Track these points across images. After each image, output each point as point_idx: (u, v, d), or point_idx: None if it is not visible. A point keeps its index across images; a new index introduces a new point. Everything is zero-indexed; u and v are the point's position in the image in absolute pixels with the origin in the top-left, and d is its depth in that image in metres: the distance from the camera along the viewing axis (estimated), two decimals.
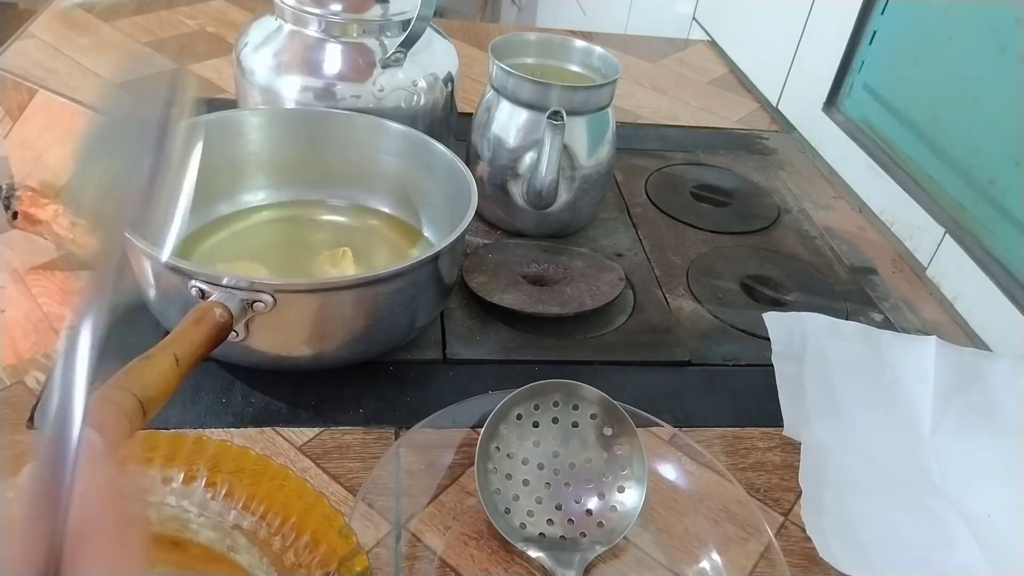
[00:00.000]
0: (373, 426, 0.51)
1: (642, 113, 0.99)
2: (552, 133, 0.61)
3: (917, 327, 0.68)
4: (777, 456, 0.54)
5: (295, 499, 0.39)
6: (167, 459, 0.41)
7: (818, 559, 0.46)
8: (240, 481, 0.40)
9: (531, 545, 0.45)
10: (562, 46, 0.73)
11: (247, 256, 0.60)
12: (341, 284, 0.49)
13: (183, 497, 0.40)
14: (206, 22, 1.05)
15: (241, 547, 0.39)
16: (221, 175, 0.63)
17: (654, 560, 0.46)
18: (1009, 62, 0.66)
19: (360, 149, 0.65)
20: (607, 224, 0.75)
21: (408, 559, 0.44)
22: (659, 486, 0.49)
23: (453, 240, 0.52)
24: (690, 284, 0.69)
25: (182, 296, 0.46)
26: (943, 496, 0.52)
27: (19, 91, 0.84)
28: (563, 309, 0.61)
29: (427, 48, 0.69)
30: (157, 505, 0.40)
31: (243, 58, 0.68)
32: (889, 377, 0.59)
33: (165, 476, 0.40)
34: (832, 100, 0.92)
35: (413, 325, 0.54)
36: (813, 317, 0.63)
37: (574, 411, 0.49)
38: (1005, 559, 0.47)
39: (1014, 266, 0.65)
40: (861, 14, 0.86)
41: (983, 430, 0.56)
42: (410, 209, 0.66)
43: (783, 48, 1.01)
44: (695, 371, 0.60)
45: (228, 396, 0.52)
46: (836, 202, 0.86)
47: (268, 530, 0.39)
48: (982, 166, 0.69)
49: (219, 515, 0.40)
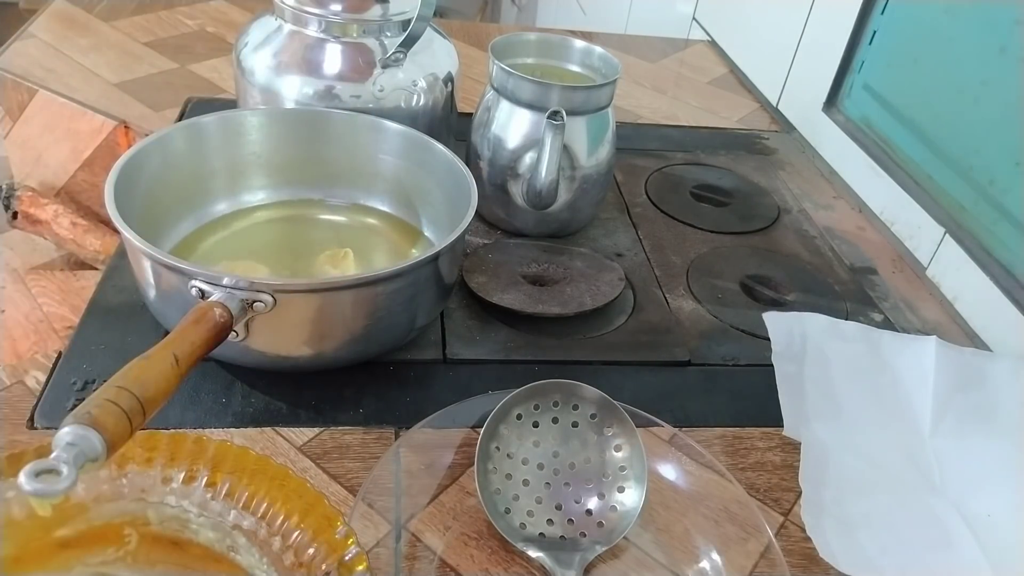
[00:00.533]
0: (373, 426, 0.51)
1: (642, 113, 0.99)
2: (552, 133, 0.61)
3: (917, 327, 0.68)
4: (777, 456, 0.54)
5: (295, 499, 0.39)
6: (167, 459, 0.41)
7: (818, 559, 0.46)
8: (240, 481, 0.40)
9: (531, 545, 0.45)
10: (562, 46, 0.73)
11: (247, 256, 0.60)
12: (341, 284, 0.49)
13: (183, 497, 0.40)
14: (206, 22, 1.05)
15: (241, 547, 0.39)
16: (221, 175, 0.63)
17: (654, 560, 0.46)
18: (1009, 62, 0.66)
19: (360, 149, 0.65)
20: (607, 224, 0.75)
21: (408, 559, 0.44)
22: (659, 486, 0.49)
23: (453, 240, 0.52)
24: (690, 284, 0.69)
25: (182, 296, 0.46)
26: (943, 496, 0.52)
27: (19, 91, 0.84)
28: (563, 309, 0.61)
29: (427, 48, 0.69)
30: (157, 505, 0.40)
31: (243, 58, 0.68)
32: (889, 377, 0.59)
33: (165, 476, 0.40)
34: (832, 100, 0.92)
35: (413, 325, 0.54)
36: (813, 317, 0.63)
37: (574, 411, 0.49)
38: (1005, 559, 0.47)
39: (1014, 266, 0.65)
40: (861, 14, 0.86)
41: (983, 430, 0.56)
42: (410, 209, 0.66)
43: (783, 48, 1.01)
44: (695, 371, 0.60)
45: (228, 396, 0.52)
46: (836, 202, 0.86)
47: (268, 530, 0.39)
48: (982, 166, 0.69)
49: (219, 515, 0.40)
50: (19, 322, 0.56)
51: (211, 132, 0.61)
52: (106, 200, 0.49)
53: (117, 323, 0.56)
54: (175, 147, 0.59)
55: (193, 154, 0.61)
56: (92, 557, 0.39)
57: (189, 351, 0.40)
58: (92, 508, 0.40)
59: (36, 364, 0.53)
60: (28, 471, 0.31)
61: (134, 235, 0.47)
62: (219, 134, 0.62)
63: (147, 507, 0.40)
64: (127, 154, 0.54)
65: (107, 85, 0.87)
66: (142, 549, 0.40)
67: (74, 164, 0.84)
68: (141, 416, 0.35)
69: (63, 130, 0.84)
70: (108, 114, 0.82)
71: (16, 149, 0.86)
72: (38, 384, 0.51)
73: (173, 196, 0.59)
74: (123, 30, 0.99)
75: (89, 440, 0.33)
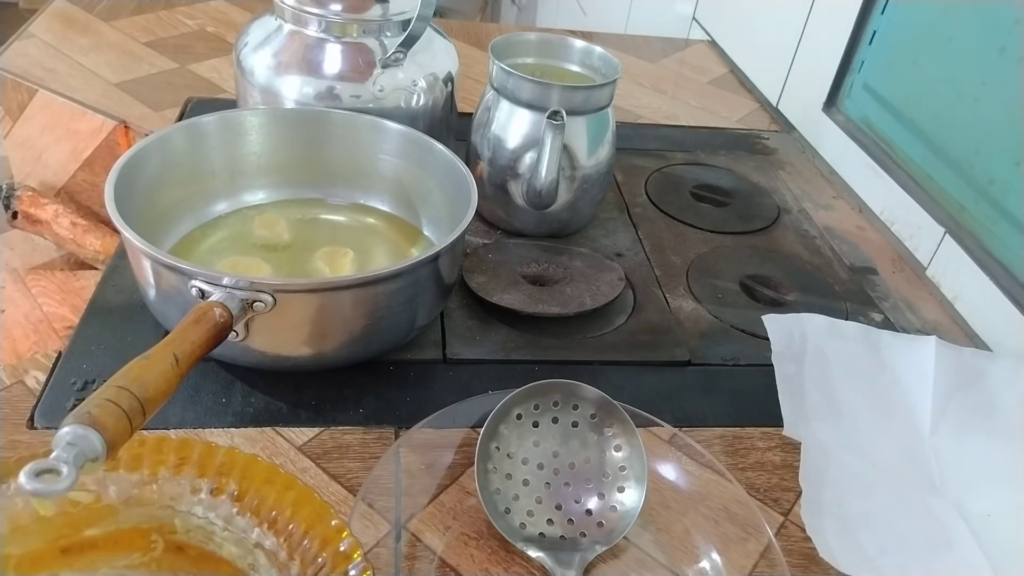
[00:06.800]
0: (373, 426, 0.51)
1: (642, 113, 0.99)
2: (552, 133, 0.61)
3: (917, 327, 0.68)
4: (777, 456, 0.54)
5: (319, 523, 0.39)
6: (199, 469, 0.41)
7: (818, 559, 0.46)
8: (267, 499, 0.40)
9: (531, 545, 0.45)
10: (562, 46, 0.73)
11: (247, 256, 0.60)
12: (341, 284, 0.49)
13: (210, 509, 0.40)
14: (206, 22, 1.05)
15: (261, 567, 0.39)
16: (221, 175, 0.63)
17: (654, 560, 0.46)
18: (1009, 62, 0.66)
19: (360, 149, 0.65)
20: (607, 224, 0.75)
21: (408, 559, 0.44)
22: (659, 486, 0.49)
23: (453, 240, 0.52)
24: (690, 284, 0.69)
25: (182, 296, 0.46)
26: (943, 496, 0.52)
27: (19, 91, 0.84)
28: (563, 309, 0.61)
29: (427, 48, 0.69)
30: (185, 515, 0.40)
31: (243, 58, 0.68)
32: (889, 377, 0.59)
33: (195, 486, 0.40)
34: (832, 100, 0.92)
35: (413, 325, 0.54)
36: (813, 318, 0.63)
37: (574, 411, 0.49)
38: (1005, 559, 0.47)
39: (1014, 266, 0.65)
40: (861, 14, 0.86)
41: (983, 430, 0.56)
42: (410, 209, 0.66)
43: (783, 48, 1.01)
44: (695, 371, 0.60)
45: (228, 396, 0.52)
46: (836, 202, 0.86)
47: (288, 552, 0.39)
48: (982, 166, 0.69)
49: (243, 531, 0.39)
50: (19, 322, 0.56)
51: (211, 132, 0.61)
52: (106, 200, 0.49)
53: (117, 323, 0.56)
54: (175, 147, 0.59)
55: (193, 154, 0.61)
56: (118, 560, 0.39)
57: (189, 351, 0.40)
58: (122, 511, 0.40)
59: (36, 364, 0.53)
60: (28, 471, 0.31)
61: (134, 235, 0.47)
62: (219, 134, 0.62)
63: (175, 515, 0.40)
64: (127, 154, 0.54)
65: (107, 85, 0.87)
66: (166, 557, 0.40)
67: (74, 164, 0.84)
68: (141, 416, 0.35)
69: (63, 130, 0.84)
70: (108, 114, 0.82)
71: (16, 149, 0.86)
72: (38, 384, 0.51)
73: (173, 196, 0.59)
74: (123, 30, 0.99)
75: (89, 440, 0.33)
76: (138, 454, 0.41)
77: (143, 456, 0.41)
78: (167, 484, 0.41)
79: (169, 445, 0.42)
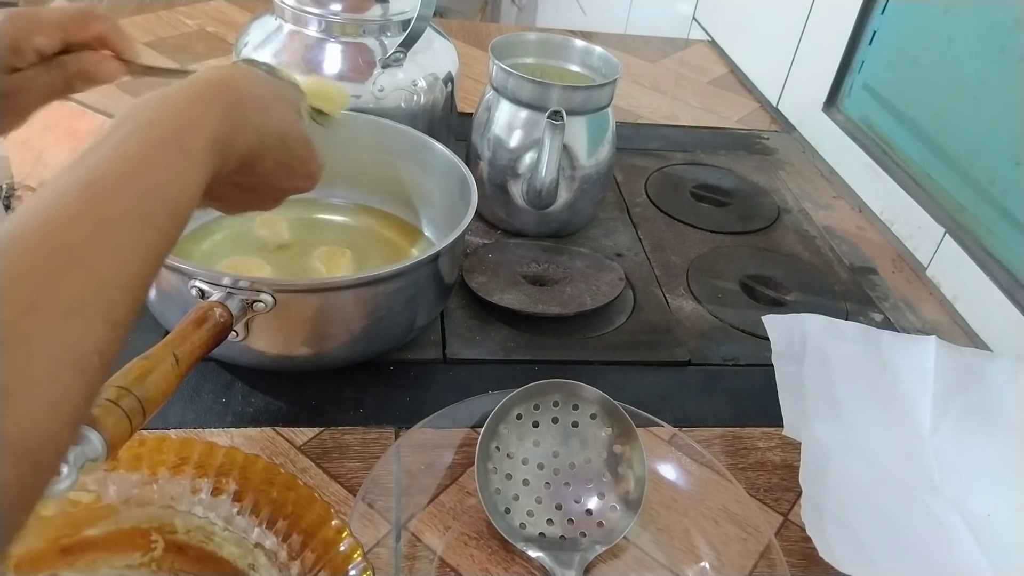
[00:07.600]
0: (373, 426, 0.51)
1: (642, 113, 0.99)
2: (552, 133, 0.61)
3: (917, 327, 0.68)
4: (777, 456, 0.54)
5: (318, 523, 0.39)
6: (198, 469, 0.41)
7: (818, 559, 0.46)
8: (266, 499, 0.40)
9: (531, 545, 0.45)
10: (562, 46, 0.73)
11: (247, 256, 0.60)
12: (341, 284, 0.49)
13: (210, 509, 0.40)
14: (206, 22, 1.05)
15: (261, 567, 0.39)
16: None
17: (654, 560, 0.46)
18: (1009, 62, 0.66)
19: (360, 149, 0.65)
20: (607, 224, 0.75)
21: (408, 559, 0.44)
22: (659, 486, 0.49)
23: (453, 240, 0.52)
24: (690, 284, 0.69)
25: (182, 296, 0.46)
26: (943, 496, 0.52)
27: None
28: (563, 309, 0.61)
29: (427, 48, 0.69)
30: (185, 514, 0.40)
31: (243, 58, 0.68)
32: (889, 377, 0.59)
33: (195, 486, 0.40)
34: (832, 100, 0.91)
35: (413, 325, 0.54)
36: (813, 318, 0.63)
37: (574, 411, 0.49)
38: (1005, 559, 0.47)
39: (1014, 266, 0.65)
40: (861, 14, 0.86)
41: (983, 430, 0.56)
42: (410, 209, 0.66)
43: (783, 48, 1.01)
44: (695, 371, 0.60)
45: (228, 396, 0.52)
46: (836, 202, 0.86)
47: (288, 553, 0.39)
48: (982, 166, 0.69)
49: (243, 531, 0.39)
50: None
51: None
52: None
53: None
54: None
55: None
56: (118, 560, 0.39)
57: (189, 351, 0.40)
58: (122, 511, 0.40)
59: None
60: None
61: None
62: None
63: (175, 515, 0.40)
64: None
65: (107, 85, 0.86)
66: (166, 557, 0.40)
67: None
68: (141, 416, 0.35)
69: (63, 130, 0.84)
70: (108, 114, 0.82)
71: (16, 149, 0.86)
72: None
73: None
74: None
75: (89, 440, 0.33)
76: (138, 454, 0.41)
77: (143, 456, 0.41)
78: (167, 484, 0.41)
79: (169, 445, 0.42)
